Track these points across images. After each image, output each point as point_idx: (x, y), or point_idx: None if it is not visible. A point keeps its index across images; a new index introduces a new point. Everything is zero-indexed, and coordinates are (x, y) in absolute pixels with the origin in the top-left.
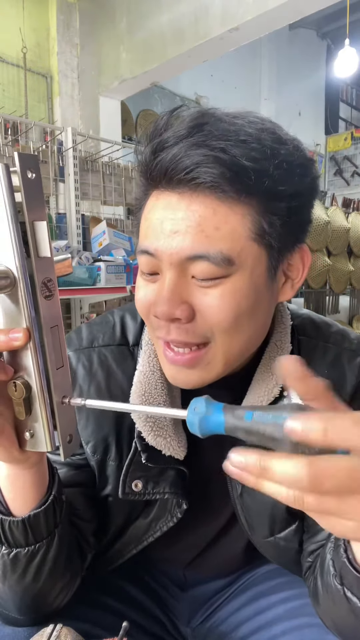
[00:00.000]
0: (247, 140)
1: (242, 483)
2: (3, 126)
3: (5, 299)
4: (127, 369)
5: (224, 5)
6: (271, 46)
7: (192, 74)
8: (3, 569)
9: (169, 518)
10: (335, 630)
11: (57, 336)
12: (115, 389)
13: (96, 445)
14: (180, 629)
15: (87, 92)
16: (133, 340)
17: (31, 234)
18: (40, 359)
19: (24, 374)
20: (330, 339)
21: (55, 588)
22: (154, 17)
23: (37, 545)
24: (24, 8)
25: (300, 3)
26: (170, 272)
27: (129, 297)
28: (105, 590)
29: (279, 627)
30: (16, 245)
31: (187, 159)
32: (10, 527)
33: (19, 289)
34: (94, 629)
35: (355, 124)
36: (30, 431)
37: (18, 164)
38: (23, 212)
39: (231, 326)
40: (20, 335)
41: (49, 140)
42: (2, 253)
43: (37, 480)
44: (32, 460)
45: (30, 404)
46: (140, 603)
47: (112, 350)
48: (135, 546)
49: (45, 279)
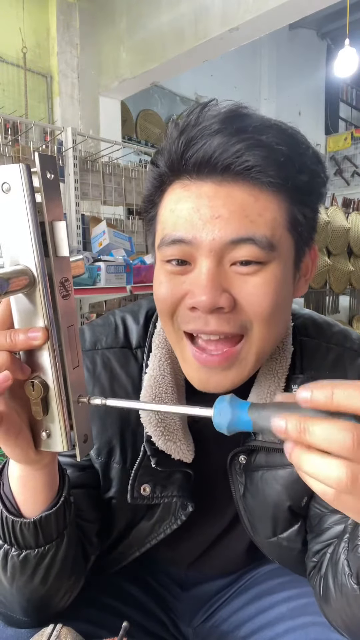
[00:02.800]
0: (281, 131)
1: (245, 482)
2: (3, 126)
3: (23, 299)
4: (130, 371)
5: (224, 5)
6: (271, 46)
7: (192, 74)
8: (12, 571)
9: (173, 520)
10: (345, 630)
11: (73, 335)
12: (119, 391)
13: (100, 448)
14: (181, 628)
15: (87, 92)
16: (136, 342)
17: (50, 234)
18: (57, 358)
19: (40, 374)
20: (332, 340)
21: (62, 589)
22: (154, 17)
23: (47, 546)
24: (24, 8)
25: (300, 3)
26: (208, 260)
27: (129, 297)
28: (106, 590)
29: (282, 626)
30: (36, 244)
31: (230, 146)
32: (22, 529)
33: (37, 288)
34: (94, 629)
35: (355, 124)
36: (47, 431)
37: (38, 165)
38: (42, 212)
39: (270, 316)
40: (40, 335)
41: (49, 140)
42: (21, 252)
43: (48, 481)
44: (46, 461)
45: (48, 404)
46: (141, 603)
47: (116, 353)
48: (139, 548)
49: (62, 278)
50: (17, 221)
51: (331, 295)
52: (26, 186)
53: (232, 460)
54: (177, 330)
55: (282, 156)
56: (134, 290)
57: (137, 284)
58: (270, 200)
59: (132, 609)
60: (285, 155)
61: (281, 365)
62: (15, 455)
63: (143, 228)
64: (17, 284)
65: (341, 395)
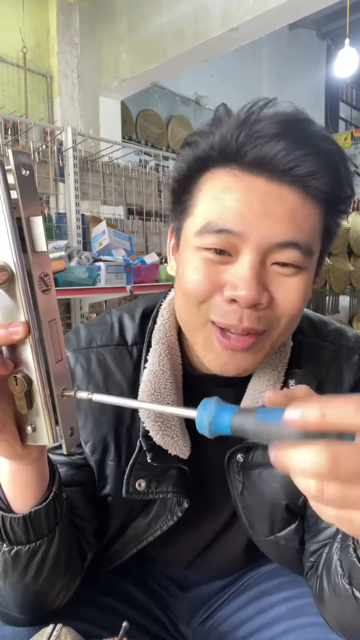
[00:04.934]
0: (334, 144)
1: (242, 480)
2: (3, 126)
3: (3, 294)
4: (125, 368)
5: (224, 5)
6: (271, 46)
7: (192, 74)
8: (4, 567)
9: (169, 517)
10: (340, 630)
11: (55, 330)
12: (114, 389)
13: (95, 445)
14: (180, 629)
15: (87, 92)
16: (132, 340)
17: (27, 229)
18: (39, 352)
19: (23, 368)
20: (327, 337)
21: (56, 586)
22: (154, 17)
23: (38, 542)
24: (24, 8)
25: (300, 3)
26: (253, 256)
27: (129, 297)
28: (105, 590)
29: (281, 626)
30: (14, 240)
31: (294, 151)
32: (11, 524)
33: (16, 284)
34: (94, 629)
35: (355, 124)
36: (32, 425)
37: (12, 162)
38: (19, 208)
39: (296, 316)
40: (20, 329)
41: (49, 140)
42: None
43: (38, 476)
44: (34, 456)
45: (32, 398)
46: (140, 603)
47: (111, 351)
48: (136, 545)
49: (42, 273)
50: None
51: (331, 295)
52: (1, 183)
53: (230, 458)
54: (204, 316)
55: (335, 166)
56: (134, 290)
57: (137, 284)
58: (314, 207)
59: (132, 609)
60: (338, 166)
61: (281, 360)
62: (2, 450)
63: (143, 228)
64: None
65: (335, 412)
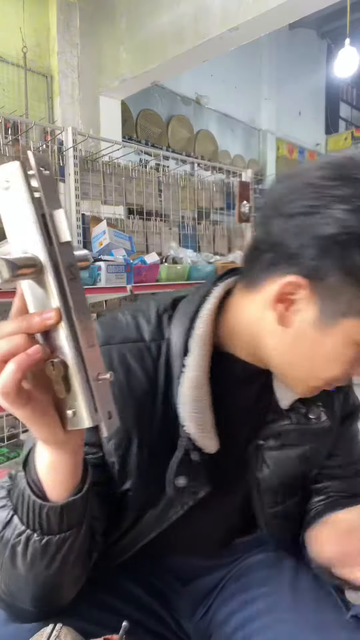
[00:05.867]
0: None
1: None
2: (3, 126)
3: (34, 285)
4: (145, 366)
5: (224, 5)
6: (271, 46)
7: (192, 74)
8: (32, 557)
9: (179, 507)
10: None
11: (86, 316)
12: (136, 386)
13: (119, 441)
14: (182, 625)
15: (87, 92)
16: (149, 337)
17: (51, 222)
18: (72, 337)
19: (59, 354)
20: None
21: (72, 579)
22: (154, 17)
23: (69, 532)
24: (24, 8)
25: (300, 3)
26: None
27: (129, 297)
28: (106, 588)
29: (259, 622)
30: (40, 233)
31: None
32: (48, 513)
33: (46, 274)
34: (94, 627)
35: (355, 124)
36: (72, 409)
37: (33, 163)
38: (42, 204)
39: None
40: (53, 314)
41: (49, 140)
42: (28, 243)
43: (76, 466)
44: (75, 443)
45: (69, 382)
46: (142, 601)
47: (130, 348)
48: (148, 535)
49: (68, 263)
50: (20, 215)
51: None
52: (24, 182)
53: (251, 444)
54: (322, 382)
55: None
56: (134, 289)
57: (137, 283)
58: None
59: (133, 608)
60: None
61: None
62: (44, 435)
63: (143, 228)
64: (26, 269)
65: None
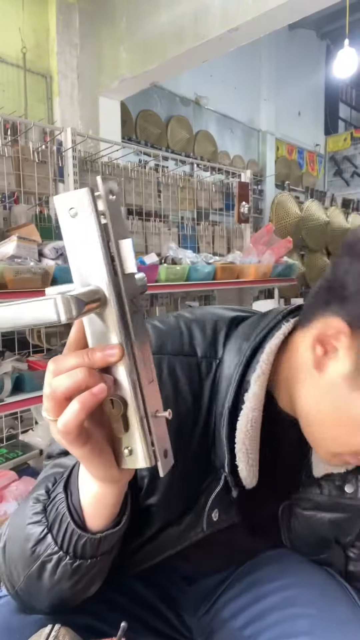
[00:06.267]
0: None
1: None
2: (2, 126)
3: (95, 318)
4: (193, 383)
5: (224, 5)
6: (271, 46)
7: (192, 74)
8: (60, 576)
9: (200, 530)
10: None
11: (147, 351)
12: (181, 403)
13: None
14: (186, 621)
15: (86, 92)
16: (202, 352)
17: (117, 252)
18: (134, 374)
19: (118, 391)
20: None
21: (91, 591)
22: (154, 17)
23: (100, 557)
24: (23, 8)
25: (300, 3)
26: None
27: None
28: (113, 586)
29: (273, 616)
30: (108, 264)
31: None
32: (85, 543)
33: (109, 307)
34: (101, 624)
35: (354, 124)
36: (129, 448)
37: (102, 188)
38: (108, 232)
39: None
40: (116, 352)
41: (49, 140)
42: (91, 273)
43: (118, 499)
44: (126, 481)
45: (128, 420)
46: (147, 600)
47: (181, 361)
48: (166, 551)
49: (131, 295)
50: (87, 244)
51: None
52: (93, 209)
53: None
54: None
55: None
56: None
57: None
58: None
59: (139, 606)
60: None
61: None
62: (99, 474)
63: (142, 228)
64: (92, 304)
65: None
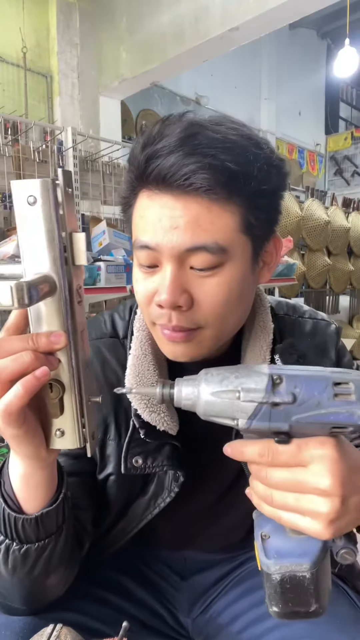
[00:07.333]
0: (232, 147)
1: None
2: (3, 126)
3: (42, 305)
4: (119, 357)
5: (224, 5)
6: (271, 46)
7: (192, 74)
8: (13, 564)
9: (167, 494)
10: None
11: (85, 339)
12: (110, 375)
13: (97, 426)
14: (180, 620)
15: (87, 92)
16: (123, 333)
17: (70, 244)
18: (74, 360)
19: (57, 375)
20: (305, 314)
21: (60, 578)
22: (154, 17)
23: (47, 540)
24: (24, 8)
25: (300, 3)
26: (170, 264)
27: (129, 297)
28: (105, 584)
29: (272, 621)
30: (61, 254)
31: (183, 167)
32: (23, 524)
33: (58, 295)
34: (95, 623)
35: (355, 124)
36: (60, 429)
37: (61, 180)
38: (65, 223)
39: (224, 313)
40: (62, 339)
41: (49, 140)
42: (43, 261)
43: (50, 478)
44: (52, 458)
45: (63, 404)
46: (139, 596)
47: (105, 342)
48: (137, 524)
49: (77, 285)
50: (42, 232)
51: (331, 295)
52: (53, 199)
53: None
54: (150, 317)
55: (229, 173)
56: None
57: None
58: (222, 209)
59: (132, 604)
60: (232, 171)
61: (265, 341)
62: (28, 453)
63: None
64: (43, 292)
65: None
